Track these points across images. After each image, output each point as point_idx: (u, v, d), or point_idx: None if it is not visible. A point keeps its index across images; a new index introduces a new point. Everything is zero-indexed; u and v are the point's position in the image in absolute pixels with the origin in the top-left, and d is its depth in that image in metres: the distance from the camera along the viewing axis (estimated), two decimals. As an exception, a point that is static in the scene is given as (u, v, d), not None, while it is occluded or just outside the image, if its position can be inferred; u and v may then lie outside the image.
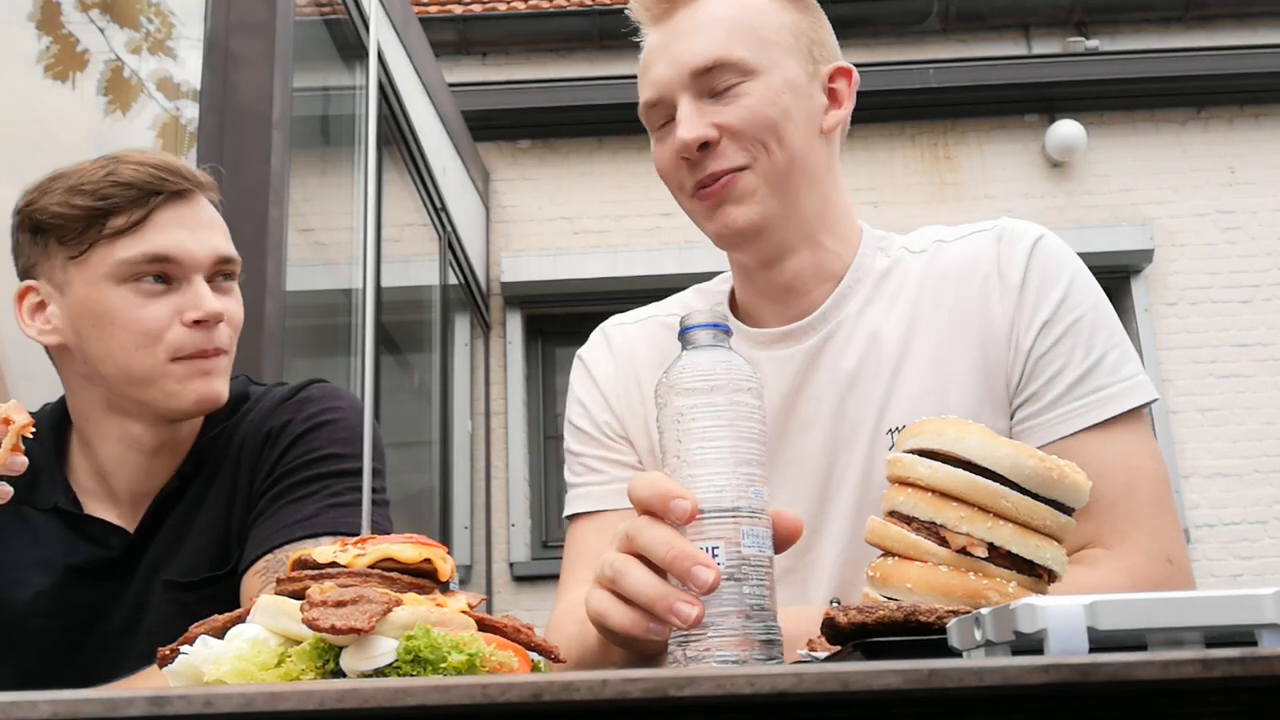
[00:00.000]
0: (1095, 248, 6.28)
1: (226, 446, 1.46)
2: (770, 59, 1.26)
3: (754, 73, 1.24)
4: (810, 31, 1.31)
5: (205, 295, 1.37)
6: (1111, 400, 1.20)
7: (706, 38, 1.25)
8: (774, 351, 1.30)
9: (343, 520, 1.36)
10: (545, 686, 0.46)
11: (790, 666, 0.50)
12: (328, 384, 1.53)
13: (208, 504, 1.44)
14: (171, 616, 1.35)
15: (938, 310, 1.27)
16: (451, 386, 5.64)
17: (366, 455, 1.42)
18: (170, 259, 1.36)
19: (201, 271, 1.38)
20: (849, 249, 1.33)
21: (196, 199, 1.41)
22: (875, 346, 1.27)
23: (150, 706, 0.46)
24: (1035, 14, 6.96)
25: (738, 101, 1.24)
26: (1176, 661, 0.49)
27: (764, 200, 1.25)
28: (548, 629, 1.27)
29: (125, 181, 1.35)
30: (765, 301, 1.33)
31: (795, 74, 1.27)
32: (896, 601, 0.81)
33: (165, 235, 1.36)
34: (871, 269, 1.32)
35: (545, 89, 6.59)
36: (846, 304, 1.30)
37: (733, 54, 1.24)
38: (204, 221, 1.40)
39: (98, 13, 3.04)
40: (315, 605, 0.71)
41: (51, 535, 1.42)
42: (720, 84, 1.24)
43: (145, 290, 1.36)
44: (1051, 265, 1.25)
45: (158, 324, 1.35)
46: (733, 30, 1.25)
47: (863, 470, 1.25)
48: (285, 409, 1.47)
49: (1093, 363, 1.21)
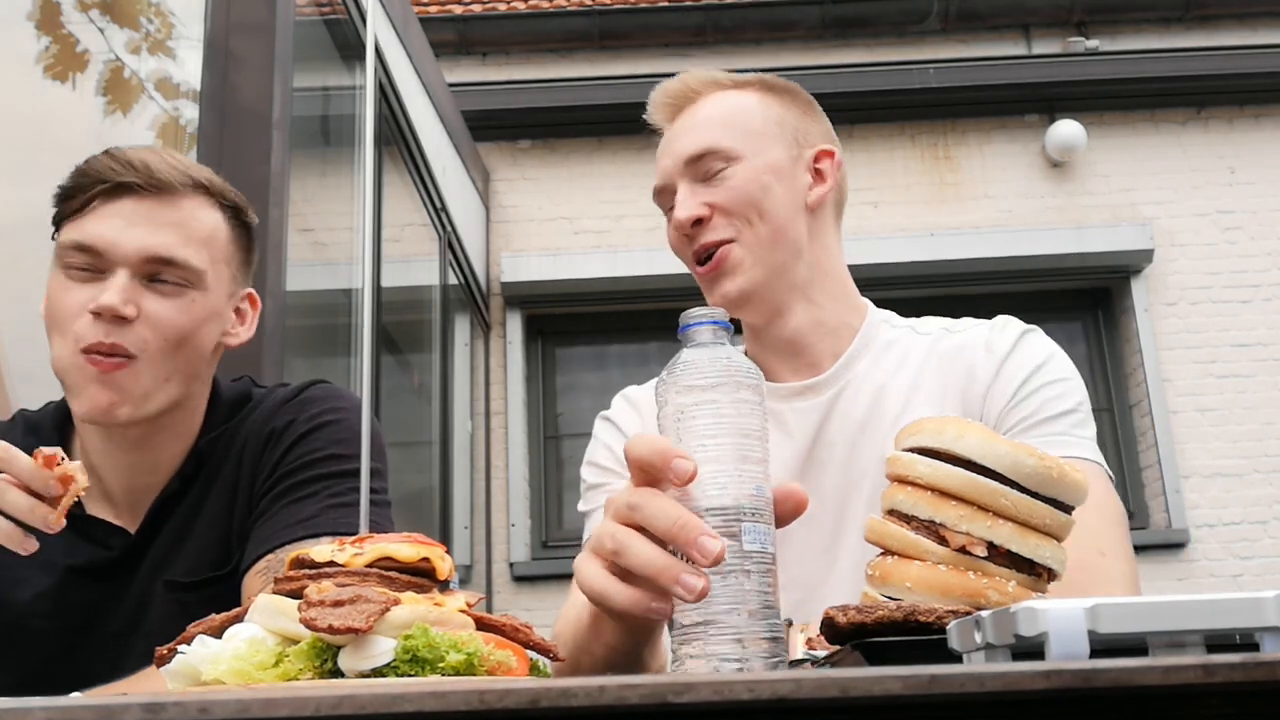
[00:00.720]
0: (1095, 248, 6.29)
1: (228, 448, 1.46)
2: (753, 146, 1.44)
3: (738, 158, 1.43)
4: (795, 121, 1.49)
5: (113, 288, 1.32)
6: (1070, 445, 1.30)
7: (699, 132, 1.45)
8: (795, 404, 1.44)
9: (344, 520, 1.36)
10: (543, 693, 0.45)
11: (790, 672, 0.49)
12: (330, 384, 1.53)
13: (209, 505, 1.43)
14: (172, 617, 1.35)
15: (935, 378, 1.42)
16: (451, 386, 5.64)
17: (364, 455, 1.42)
18: (93, 249, 1.34)
19: (127, 266, 1.34)
20: (853, 313, 1.49)
21: (151, 195, 1.36)
22: (881, 399, 1.41)
23: (145, 713, 0.45)
24: (1035, 14, 6.95)
25: (725, 183, 1.43)
26: (1178, 667, 0.48)
27: (750, 270, 1.42)
28: (559, 617, 1.29)
29: (86, 169, 1.37)
30: (775, 357, 1.48)
31: (778, 157, 1.45)
32: (896, 601, 0.80)
33: (98, 225, 1.34)
34: (878, 338, 1.47)
35: (545, 89, 6.59)
36: (856, 364, 1.45)
37: (720, 143, 1.44)
38: (148, 218, 1.36)
39: (98, 13, 3.04)
40: (313, 605, 0.70)
41: (52, 536, 1.42)
42: (710, 169, 1.43)
43: (73, 276, 1.35)
44: (1036, 345, 1.41)
45: (68, 309, 1.33)
46: (722, 124, 1.45)
47: (870, 509, 1.32)
48: (287, 409, 1.47)
49: (1059, 413, 1.33)
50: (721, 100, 1.49)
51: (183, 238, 1.37)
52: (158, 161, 1.38)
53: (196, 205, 1.40)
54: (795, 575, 1.34)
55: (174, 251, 1.36)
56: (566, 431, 6.35)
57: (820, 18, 6.65)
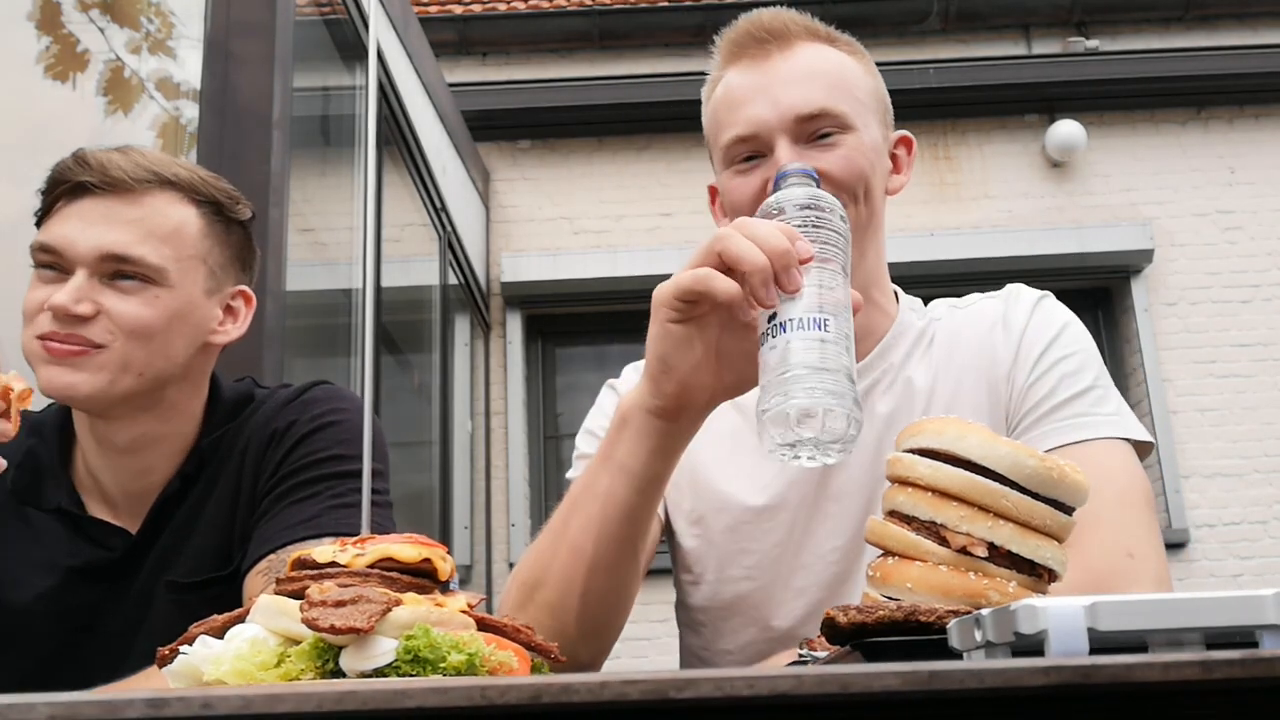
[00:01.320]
0: (1095, 248, 6.29)
1: (231, 448, 1.46)
2: (861, 118, 1.33)
3: (851, 128, 1.31)
4: (884, 97, 1.40)
5: (66, 287, 1.34)
6: (1088, 427, 1.26)
7: (811, 86, 1.30)
8: None
9: (346, 521, 1.36)
10: (544, 688, 0.46)
11: (790, 669, 0.49)
12: (332, 385, 1.53)
13: (211, 505, 1.43)
14: (173, 617, 1.34)
15: (954, 361, 1.36)
16: (451, 386, 5.64)
17: (366, 456, 1.42)
18: (54, 250, 1.36)
19: (84, 265, 1.35)
20: (891, 304, 1.42)
21: (109, 194, 1.37)
22: (908, 393, 1.35)
23: (148, 708, 0.45)
24: (1035, 14, 6.95)
25: (836, 150, 1.29)
26: (1177, 663, 0.49)
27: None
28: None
29: (54, 172, 1.40)
30: None
31: (876, 136, 1.35)
32: (896, 601, 0.80)
33: (59, 226, 1.37)
34: (912, 326, 1.40)
35: (545, 89, 6.59)
36: (890, 355, 1.38)
37: (837, 106, 1.30)
38: (105, 217, 1.37)
39: (98, 13, 3.04)
40: (315, 605, 0.71)
41: (53, 536, 1.43)
42: (818, 131, 1.30)
43: (40, 276, 1.38)
44: (1051, 316, 1.36)
45: (33, 306, 1.36)
46: (834, 84, 1.32)
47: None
48: (290, 410, 1.47)
49: (1076, 393, 1.28)
50: (824, 56, 1.35)
51: (140, 235, 1.37)
52: (121, 160, 1.38)
53: (163, 202, 1.40)
54: (818, 575, 1.34)
55: (129, 249, 1.36)
56: (566, 431, 6.35)
57: (820, 18, 6.64)
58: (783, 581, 1.34)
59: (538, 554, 1.20)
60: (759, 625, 1.36)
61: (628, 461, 1.12)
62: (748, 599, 1.36)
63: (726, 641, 1.39)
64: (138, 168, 1.38)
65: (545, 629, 1.11)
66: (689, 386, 1.09)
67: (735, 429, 1.40)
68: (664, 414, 1.10)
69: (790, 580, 1.34)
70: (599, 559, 1.14)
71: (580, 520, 1.15)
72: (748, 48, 1.35)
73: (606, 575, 1.15)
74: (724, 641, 1.39)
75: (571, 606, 1.15)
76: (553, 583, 1.16)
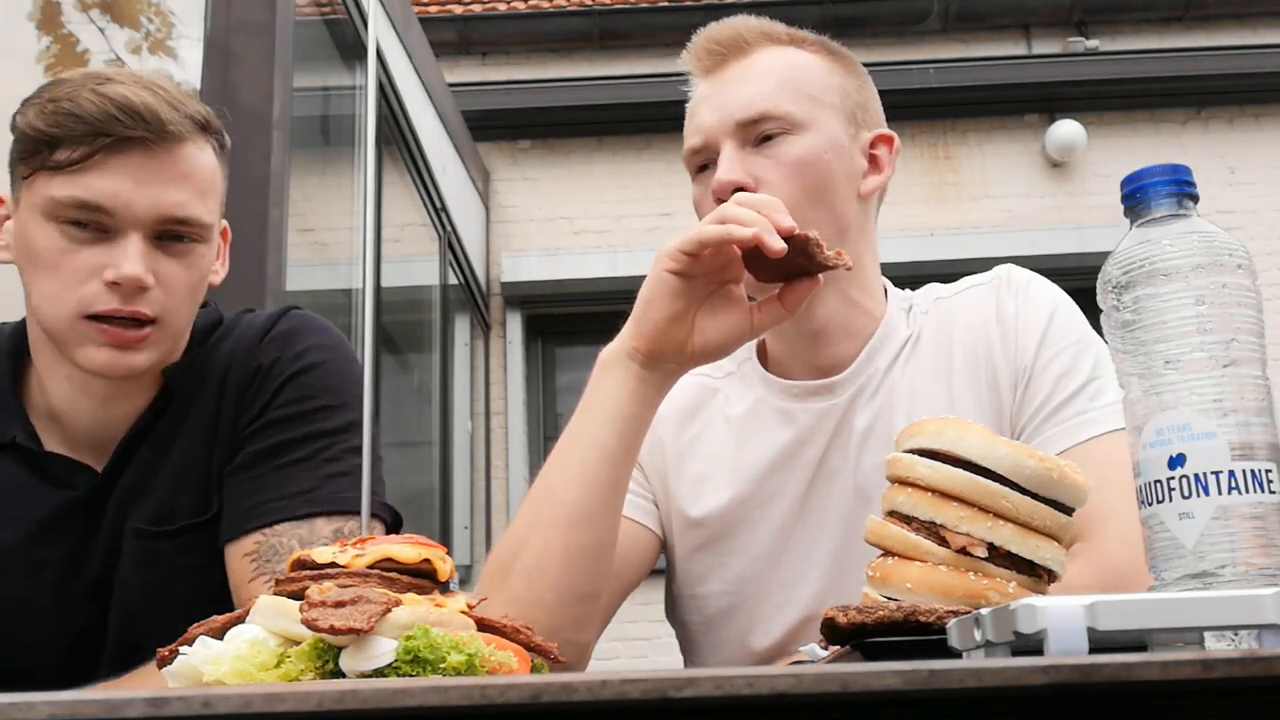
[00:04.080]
0: (1095, 248, 6.28)
1: (201, 376, 1.34)
2: (815, 116, 1.29)
3: (799, 127, 1.28)
4: (855, 95, 1.36)
5: (131, 255, 1.22)
6: (1089, 425, 1.24)
7: (755, 89, 1.29)
8: (810, 404, 1.34)
9: (343, 495, 1.27)
10: (544, 687, 0.46)
11: (790, 668, 0.49)
12: (304, 312, 1.42)
13: (180, 440, 1.33)
14: (147, 565, 1.29)
15: (947, 360, 1.32)
16: (451, 386, 5.64)
17: (366, 405, 1.26)
18: (102, 209, 1.22)
19: (140, 229, 1.23)
20: (878, 306, 1.37)
21: (160, 148, 1.24)
22: (890, 403, 1.32)
23: (149, 707, 0.45)
24: (1035, 14, 6.95)
25: (779, 154, 1.28)
26: (1176, 662, 0.49)
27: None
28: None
29: (79, 114, 1.22)
30: (794, 351, 1.36)
31: (838, 134, 1.31)
32: (896, 601, 0.81)
33: (104, 182, 1.21)
34: (899, 327, 1.36)
35: (545, 89, 6.58)
36: (876, 359, 1.34)
37: (779, 107, 1.28)
38: (159, 174, 1.24)
39: (98, 13, 3.04)
40: (314, 605, 0.71)
41: (11, 484, 1.31)
42: (763, 135, 1.28)
43: (71, 235, 1.22)
44: (1039, 307, 1.31)
45: (74, 275, 1.22)
46: (781, 84, 1.29)
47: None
48: (271, 345, 1.36)
49: (1073, 391, 1.26)
50: (779, 56, 1.32)
51: (195, 193, 1.27)
52: (162, 107, 1.25)
53: (198, 150, 1.29)
54: (798, 593, 1.32)
55: (188, 210, 1.26)
56: (566, 431, 6.35)
57: (820, 18, 6.65)
58: (763, 598, 1.33)
59: (517, 523, 1.20)
60: (738, 643, 1.34)
61: (604, 402, 1.17)
62: (728, 614, 1.35)
63: (708, 656, 1.38)
64: (178, 114, 1.26)
65: (523, 602, 1.11)
66: (664, 335, 1.14)
67: (721, 443, 1.38)
68: (638, 357, 1.16)
69: (770, 597, 1.32)
70: (580, 508, 1.14)
71: (561, 472, 1.17)
72: (704, 60, 1.35)
73: (586, 528, 1.14)
74: (705, 656, 1.39)
75: (550, 569, 1.14)
76: (534, 543, 1.15)
